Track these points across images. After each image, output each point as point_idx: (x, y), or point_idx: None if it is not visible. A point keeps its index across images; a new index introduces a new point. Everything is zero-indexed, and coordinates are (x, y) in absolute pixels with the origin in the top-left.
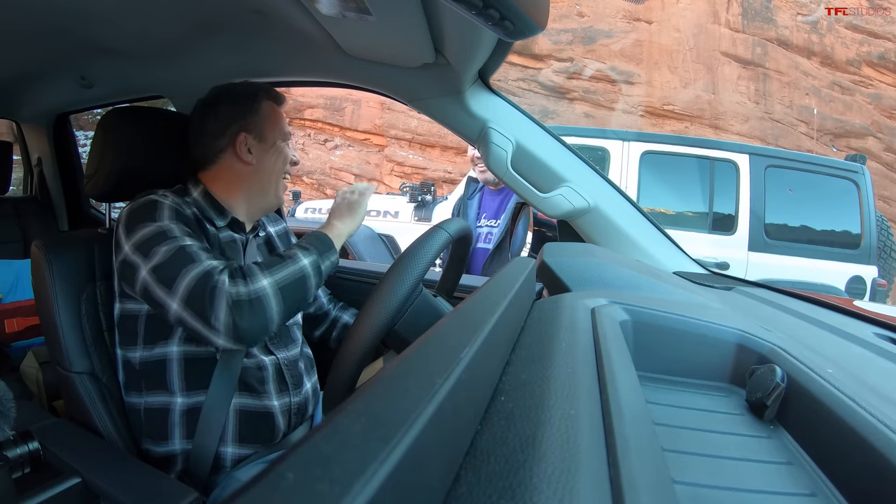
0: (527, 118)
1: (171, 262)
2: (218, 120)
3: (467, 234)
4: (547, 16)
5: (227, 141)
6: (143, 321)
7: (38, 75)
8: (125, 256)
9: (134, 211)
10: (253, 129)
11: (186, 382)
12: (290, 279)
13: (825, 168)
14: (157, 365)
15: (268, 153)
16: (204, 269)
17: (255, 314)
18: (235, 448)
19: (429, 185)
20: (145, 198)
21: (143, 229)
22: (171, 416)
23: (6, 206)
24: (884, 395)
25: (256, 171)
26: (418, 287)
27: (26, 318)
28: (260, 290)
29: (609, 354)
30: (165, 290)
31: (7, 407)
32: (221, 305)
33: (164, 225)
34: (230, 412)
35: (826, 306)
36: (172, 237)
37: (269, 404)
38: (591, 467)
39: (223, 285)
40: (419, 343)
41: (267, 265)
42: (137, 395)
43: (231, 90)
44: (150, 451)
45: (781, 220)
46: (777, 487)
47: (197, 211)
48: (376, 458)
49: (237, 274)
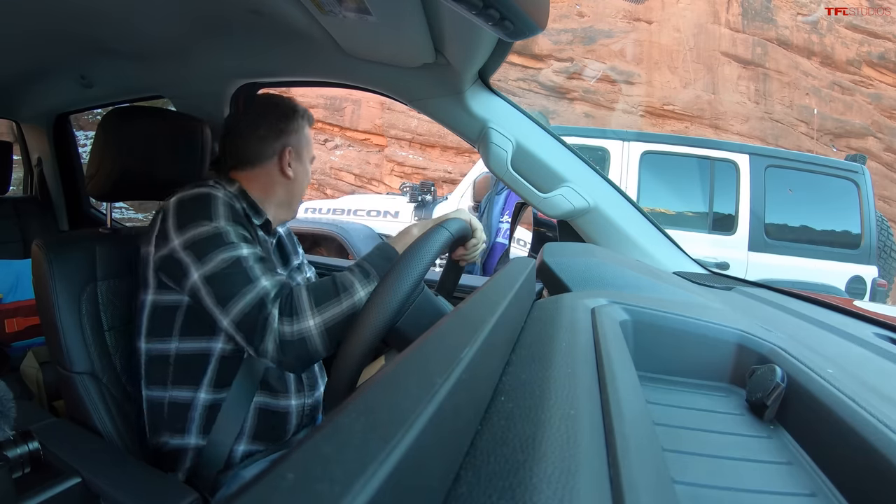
0: (527, 118)
1: (228, 276)
2: (270, 129)
3: (468, 233)
4: (547, 16)
5: (275, 151)
6: (183, 313)
7: (38, 75)
8: (173, 252)
9: (186, 203)
10: (296, 145)
11: (217, 378)
12: (340, 318)
13: (825, 168)
14: (196, 358)
15: (301, 170)
16: (259, 296)
17: (299, 352)
18: (248, 445)
19: (429, 185)
20: (197, 189)
21: (197, 227)
22: (191, 411)
23: (6, 206)
24: (884, 395)
25: (290, 185)
26: (419, 286)
27: (26, 318)
28: (305, 331)
29: (609, 354)
30: (219, 306)
31: (7, 407)
32: (269, 340)
33: (221, 227)
34: (251, 410)
35: (826, 306)
36: (229, 243)
37: (286, 404)
38: (591, 467)
39: (273, 321)
40: (419, 343)
41: (319, 296)
42: (161, 388)
43: (279, 104)
44: (163, 445)
45: (781, 220)
46: (777, 487)
47: (245, 205)
48: (376, 458)
49: (286, 307)
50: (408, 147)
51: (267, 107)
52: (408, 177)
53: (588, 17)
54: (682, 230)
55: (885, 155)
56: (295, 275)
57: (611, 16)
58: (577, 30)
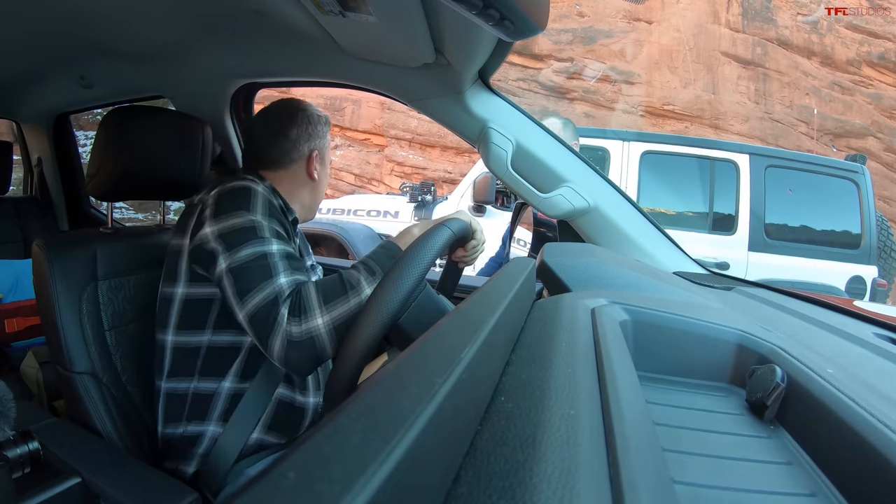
0: (527, 118)
1: (251, 270)
2: (301, 132)
3: (469, 234)
4: (547, 16)
5: (304, 153)
6: (218, 306)
7: (38, 75)
8: (205, 241)
9: (226, 194)
10: (322, 149)
11: (243, 370)
12: (347, 315)
13: (825, 168)
14: (227, 351)
15: (324, 173)
16: (274, 293)
17: (307, 351)
18: (261, 433)
19: (429, 185)
20: (238, 182)
21: (233, 217)
22: (215, 400)
23: (6, 206)
24: (884, 395)
25: (314, 187)
26: (421, 285)
27: (26, 318)
28: (313, 329)
29: (609, 354)
30: (237, 297)
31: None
32: (277, 338)
33: (257, 220)
34: (272, 401)
35: (826, 306)
36: (260, 237)
37: (304, 401)
38: (591, 467)
39: (282, 320)
40: (419, 343)
41: (328, 293)
42: (187, 380)
43: (307, 109)
44: (178, 434)
45: (781, 220)
46: (777, 487)
47: (281, 202)
48: (376, 458)
49: (296, 306)
50: (408, 147)
51: (297, 111)
52: (408, 177)
53: (588, 17)
54: (681, 230)
55: (885, 155)
56: (310, 275)
57: (611, 16)
58: (577, 30)
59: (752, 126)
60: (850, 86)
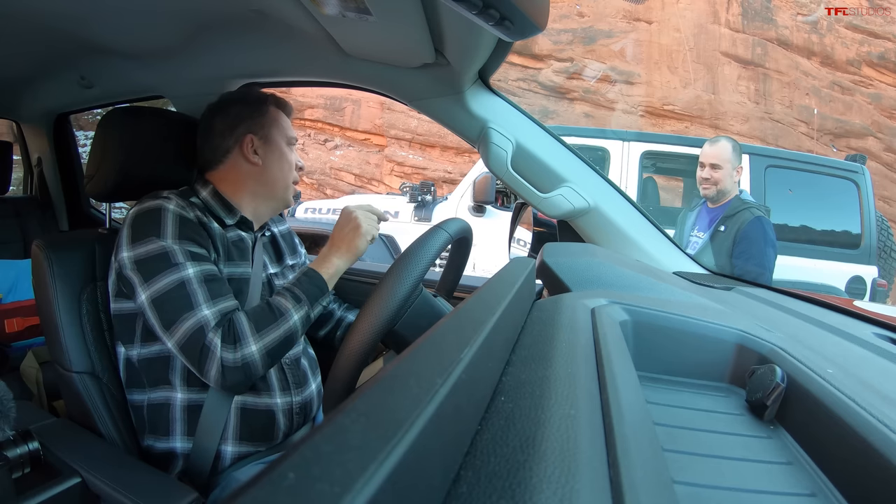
0: (527, 118)
1: (171, 300)
2: (226, 120)
3: (467, 234)
4: (547, 16)
5: (235, 141)
6: (141, 320)
7: (38, 75)
8: (123, 268)
9: (139, 218)
10: (259, 131)
11: (188, 377)
12: (279, 340)
13: (825, 168)
14: (158, 361)
15: (273, 155)
16: (199, 323)
17: (242, 375)
18: (235, 446)
19: (429, 185)
20: (152, 202)
21: (146, 244)
22: (172, 411)
23: (6, 206)
24: (884, 395)
25: (262, 172)
26: (418, 287)
27: (26, 318)
28: (248, 356)
29: (609, 354)
30: (163, 328)
31: (7, 407)
32: (212, 365)
33: (167, 246)
34: (231, 409)
35: (826, 306)
36: (174, 264)
37: (270, 402)
38: (591, 467)
39: (215, 349)
40: (419, 343)
41: (259, 321)
42: (140, 391)
43: (240, 94)
44: (151, 448)
45: (781, 220)
46: (777, 487)
47: (201, 214)
48: (376, 458)
49: (228, 334)
50: (408, 147)
51: (223, 102)
52: (408, 177)
53: (588, 17)
54: None
55: (885, 155)
56: (287, 273)
57: (611, 16)
58: (577, 30)
59: (752, 126)
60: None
